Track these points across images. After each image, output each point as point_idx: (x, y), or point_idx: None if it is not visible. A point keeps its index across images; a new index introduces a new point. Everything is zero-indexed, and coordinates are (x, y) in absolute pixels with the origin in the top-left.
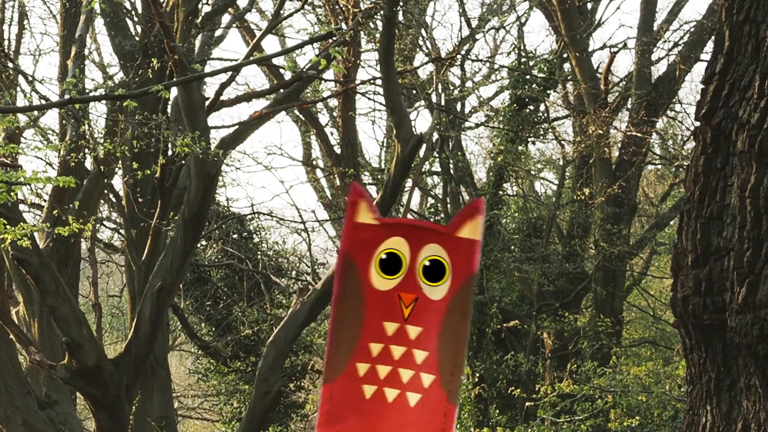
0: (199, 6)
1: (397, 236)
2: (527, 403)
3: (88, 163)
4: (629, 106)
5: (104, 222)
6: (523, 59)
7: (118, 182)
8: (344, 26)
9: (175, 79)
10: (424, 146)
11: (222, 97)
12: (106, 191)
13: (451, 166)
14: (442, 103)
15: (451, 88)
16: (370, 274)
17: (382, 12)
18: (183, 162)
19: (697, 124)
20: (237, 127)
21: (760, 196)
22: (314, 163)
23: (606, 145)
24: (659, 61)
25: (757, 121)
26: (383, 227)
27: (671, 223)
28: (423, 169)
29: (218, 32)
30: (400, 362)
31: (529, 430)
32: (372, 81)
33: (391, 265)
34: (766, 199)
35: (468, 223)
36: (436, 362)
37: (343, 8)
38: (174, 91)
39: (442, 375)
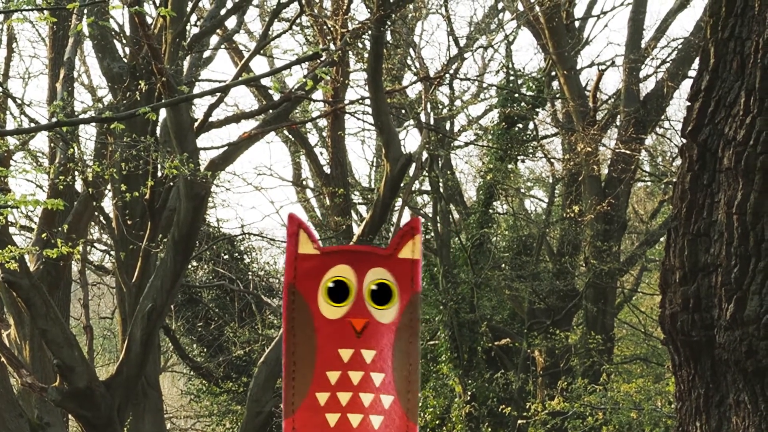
0: (187, 28)
1: (342, 264)
2: (519, 422)
3: (78, 186)
4: (618, 124)
5: (95, 244)
6: (511, 78)
7: (107, 204)
8: (332, 46)
9: (163, 101)
10: (413, 165)
11: (211, 118)
12: (95, 213)
13: (440, 185)
14: (431, 122)
15: (440, 107)
16: (318, 304)
17: (370, 32)
18: (172, 183)
19: (684, 140)
20: (226, 147)
21: (746, 212)
22: (304, 183)
23: (595, 163)
24: (647, 78)
25: (743, 138)
26: (326, 256)
27: (661, 239)
28: (412, 189)
29: (206, 53)
30: (360, 387)
31: None
32: (361, 101)
33: (339, 292)
34: (752, 215)
35: (407, 243)
36: (393, 383)
37: (331, 29)
38: (163, 113)
39: (400, 394)
